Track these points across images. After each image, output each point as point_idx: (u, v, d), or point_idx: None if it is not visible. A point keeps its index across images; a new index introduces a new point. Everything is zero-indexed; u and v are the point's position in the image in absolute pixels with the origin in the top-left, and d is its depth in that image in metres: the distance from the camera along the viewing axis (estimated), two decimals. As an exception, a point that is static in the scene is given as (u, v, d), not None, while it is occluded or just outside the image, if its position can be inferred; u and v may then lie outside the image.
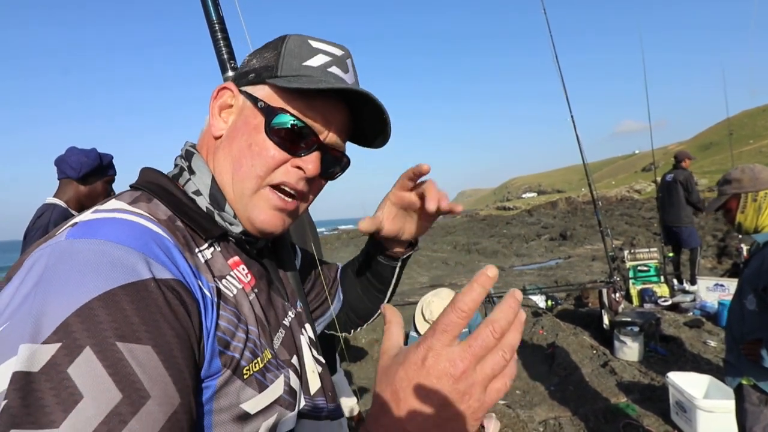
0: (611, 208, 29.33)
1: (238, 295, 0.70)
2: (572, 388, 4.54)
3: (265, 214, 0.75)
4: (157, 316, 0.51)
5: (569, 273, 11.63)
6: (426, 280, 12.38)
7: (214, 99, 0.78)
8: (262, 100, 0.74)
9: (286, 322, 0.83)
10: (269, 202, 0.75)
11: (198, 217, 0.72)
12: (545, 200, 57.78)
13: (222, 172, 0.76)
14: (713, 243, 13.91)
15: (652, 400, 4.13)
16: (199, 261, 0.66)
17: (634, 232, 18.06)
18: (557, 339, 5.59)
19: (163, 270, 0.56)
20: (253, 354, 0.66)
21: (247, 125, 0.74)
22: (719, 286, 6.71)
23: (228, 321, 0.64)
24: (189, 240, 0.68)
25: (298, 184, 0.75)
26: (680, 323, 5.91)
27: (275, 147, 0.73)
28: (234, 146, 0.75)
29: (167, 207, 0.70)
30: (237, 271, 0.74)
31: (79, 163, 2.53)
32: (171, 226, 0.66)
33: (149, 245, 0.57)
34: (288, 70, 0.74)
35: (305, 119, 0.74)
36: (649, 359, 5.02)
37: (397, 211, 0.96)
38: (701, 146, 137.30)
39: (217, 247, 0.73)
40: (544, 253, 17.17)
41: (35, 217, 2.46)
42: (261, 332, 0.71)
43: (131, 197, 0.68)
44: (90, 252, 0.52)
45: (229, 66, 1.00)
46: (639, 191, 46.32)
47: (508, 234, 23.01)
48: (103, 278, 0.50)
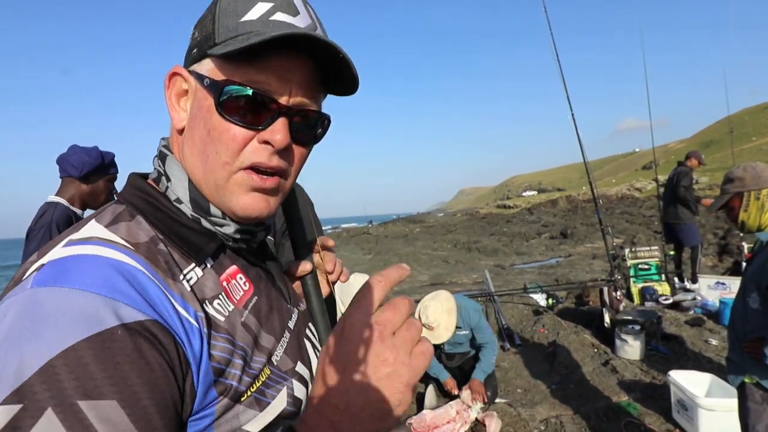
0: (612, 207, 29.32)
1: (231, 316, 0.66)
2: (573, 387, 4.54)
3: (245, 198, 0.68)
4: (124, 366, 0.48)
5: (570, 271, 11.63)
6: (426, 279, 12.38)
7: (167, 89, 0.70)
8: (206, 76, 0.66)
9: (290, 324, 0.80)
10: (245, 185, 0.67)
11: (189, 234, 0.68)
12: (545, 198, 57.78)
13: (193, 168, 0.69)
14: (714, 241, 13.89)
15: (654, 399, 4.13)
16: (185, 288, 0.61)
17: (635, 231, 18.06)
18: (558, 338, 5.59)
19: (133, 312, 0.52)
20: (251, 377, 0.64)
21: (201, 109, 0.66)
22: (720, 284, 6.71)
23: (222, 349, 0.61)
24: (172, 265, 0.62)
25: (271, 160, 0.66)
26: (681, 322, 5.91)
27: (233, 125, 0.65)
28: (196, 136, 0.68)
29: (152, 225, 0.66)
30: (233, 283, 0.71)
31: (80, 162, 2.54)
32: (152, 250, 0.61)
33: (119, 286, 0.53)
34: (225, 33, 0.64)
35: (257, 85, 0.64)
36: (651, 358, 5.02)
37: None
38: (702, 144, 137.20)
39: (209, 263, 0.69)
40: (545, 252, 17.17)
41: (38, 216, 2.47)
42: (257, 350, 0.67)
43: (112, 215, 0.64)
44: (53, 304, 0.49)
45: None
46: (639, 189, 46.28)
47: (508, 232, 23.01)
48: (66, 332, 0.47)
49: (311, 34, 0.62)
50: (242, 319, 0.68)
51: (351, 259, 16.84)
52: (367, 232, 28.54)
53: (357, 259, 16.88)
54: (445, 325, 3.99)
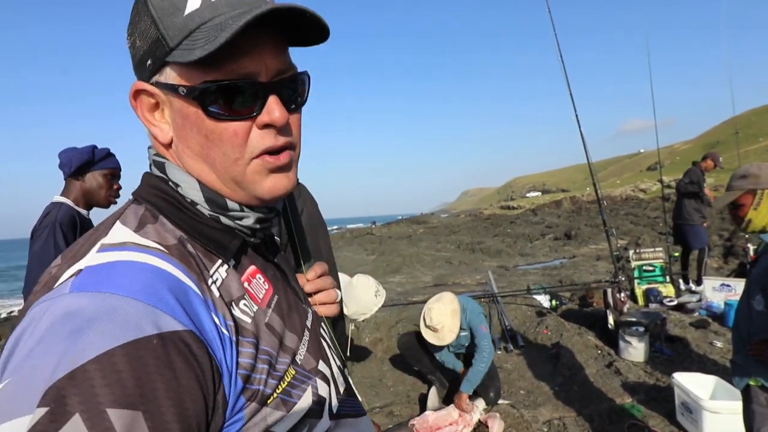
0: (616, 208, 29.22)
1: (256, 317, 0.66)
2: (577, 389, 4.52)
3: (267, 182, 0.67)
4: (154, 377, 0.48)
5: (574, 273, 11.58)
6: (430, 279, 12.36)
7: (137, 108, 0.67)
8: (179, 84, 0.62)
9: (308, 323, 0.80)
10: (264, 170, 0.66)
11: (213, 233, 0.68)
12: (549, 199, 57.66)
13: (201, 173, 0.68)
14: (719, 243, 13.82)
15: (658, 401, 4.11)
16: (214, 294, 0.61)
17: (639, 232, 17.98)
18: (562, 339, 5.57)
19: (172, 322, 0.52)
20: (277, 378, 0.64)
21: (187, 118, 0.64)
22: (725, 286, 6.67)
23: (248, 356, 0.61)
24: (202, 267, 0.63)
25: (278, 140, 0.66)
26: (686, 323, 5.88)
27: (230, 123, 0.64)
28: (192, 144, 0.66)
29: (175, 226, 0.66)
30: (255, 283, 0.71)
31: (68, 158, 2.55)
32: (183, 253, 0.62)
33: (160, 293, 0.53)
34: (176, 34, 0.61)
35: (233, 74, 0.62)
36: (655, 360, 5.00)
37: None
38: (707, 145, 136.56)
39: (232, 263, 0.69)
40: (549, 253, 17.12)
41: (42, 216, 2.48)
42: (282, 350, 0.67)
43: (136, 218, 0.64)
44: (92, 309, 0.49)
45: None
46: (644, 190, 46.09)
47: (512, 233, 22.96)
48: (103, 337, 0.47)
49: (274, 7, 0.58)
50: (266, 320, 0.68)
51: (354, 259, 16.84)
52: (371, 232, 28.54)
53: (360, 259, 16.89)
54: (449, 327, 3.98)
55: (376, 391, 4.86)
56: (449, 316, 4.00)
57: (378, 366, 5.54)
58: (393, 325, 6.41)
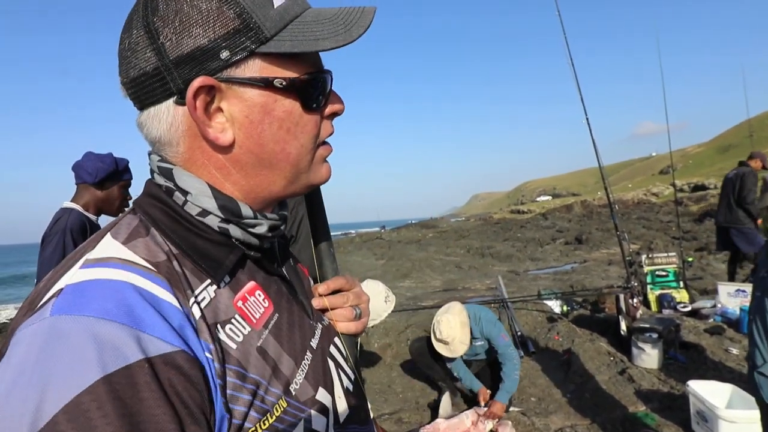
0: (628, 212, 28.97)
1: (247, 341, 0.61)
2: (589, 396, 4.46)
3: (323, 169, 0.72)
4: (149, 402, 0.46)
5: (585, 277, 11.47)
6: (439, 284, 12.32)
7: (197, 110, 0.59)
8: (275, 77, 0.61)
9: (313, 342, 0.74)
10: (322, 158, 0.71)
11: (207, 247, 0.64)
12: (560, 203, 57.28)
13: (228, 177, 0.65)
14: (734, 247, 13.62)
15: (672, 410, 4.04)
16: (197, 316, 0.57)
17: (652, 236, 17.80)
18: (573, 345, 5.50)
19: (160, 344, 0.50)
20: (261, 412, 0.59)
21: (270, 113, 0.62)
22: (741, 291, 6.54)
23: (230, 384, 0.56)
24: (186, 287, 0.58)
25: (331, 129, 0.72)
26: (701, 330, 5.78)
27: (315, 113, 0.67)
28: (266, 142, 0.63)
29: (167, 239, 0.62)
30: (252, 301, 0.66)
31: (95, 169, 2.57)
32: (170, 271, 0.58)
33: (143, 314, 0.51)
34: (272, 25, 0.59)
35: (320, 66, 0.68)
36: (669, 367, 4.92)
37: None
38: (720, 148, 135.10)
39: (226, 280, 0.64)
40: (560, 257, 16.99)
41: (52, 222, 2.50)
42: (274, 379, 0.62)
43: (128, 230, 0.61)
44: (75, 335, 0.47)
45: None
46: (656, 194, 45.61)
47: (522, 238, 22.83)
48: (90, 367, 0.45)
49: (372, 14, 0.64)
50: (259, 343, 0.63)
51: (363, 264, 16.84)
52: (380, 237, 28.53)
53: (369, 264, 16.88)
54: (459, 339, 3.96)
55: (385, 398, 4.83)
56: (458, 327, 3.98)
57: (387, 372, 5.51)
58: (402, 330, 6.39)
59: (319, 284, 0.86)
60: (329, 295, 0.85)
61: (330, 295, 0.85)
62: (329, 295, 0.85)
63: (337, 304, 0.84)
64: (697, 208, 26.48)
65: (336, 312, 0.84)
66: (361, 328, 0.87)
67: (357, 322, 0.86)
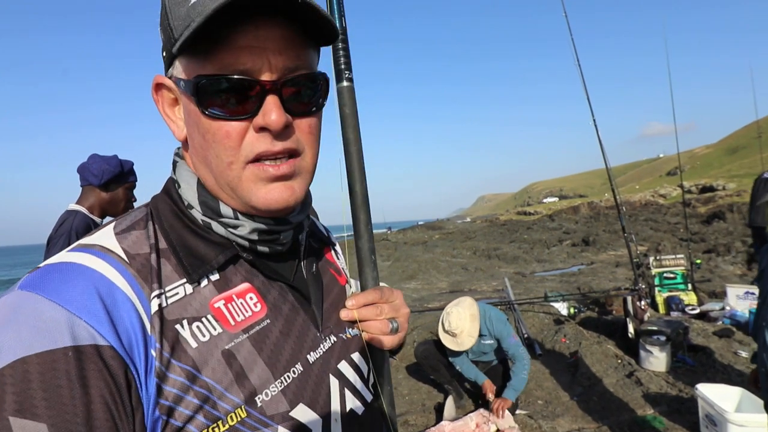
0: (635, 213, 28.82)
1: (210, 342, 0.59)
2: (596, 399, 4.43)
3: (263, 191, 0.62)
4: (64, 392, 0.47)
5: (592, 279, 11.42)
6: (445, 286, 12.30)
7: (158, 103, 0.66)
8: (181, 78, 0.60)
9: (311, 356, 0.69)
10: (259, 177, 0.61)
11: (197, 244, 0.64)
12: (567, 205, 57.06)
13: (205, 177, 0.66)
14: (743, 249, 13.52)
15: (681, 413, 4.00)
16: (155, 311, 0.57)
17: (660, 238, 17.69)
18: (580, 347, 5.47)
19: (93, 334, 0.50)
20: (211, 418, 0.56)
21: (190, 115, 0.62)
22: (750, 293, 6.48)
23: (176, 384, 0.55)
24: (155, 282, 0.59)
25: (275, 146, 0.60)
26: (709, 332, 5.73)
27: (223, 122, 0.59)
28: (195, 144, 0.63)
29: (162, 233, 0.64)
30: (238, 303, 0.64)
31: (100, 171, 2.58)
32: (144, 264, 0.59)
33: (91, 303, 0.52)
34: (179, 25, 0.57)
35: (230, 69, 0.57)
36: (677, 370, 4.87)
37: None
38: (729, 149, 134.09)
39: (212, 278, 0.63)
40: (566, 259, 16.92)
41: (58, 224, 2.51)
42: (236, 386, 0.59)
43: (131, 222, 0.64)
44: (24, 311, 0.50)
45: (345, 76, 0.88)
46: (664, 196, 45.39)
47: (528, 239, 22.76)
48: (23, 344, 0.47)
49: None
50: (227, 346, 0.60)
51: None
52: (386, 238, 28.53)
53: (376, 265, 16.88)
54: (468, 331, 3.93)
55: (391, 400, 4.81)
56: (468, 320, 3.95)
57: (393, 374, 5.49)
58: (408, 332, 6.36)
59: (350, 296, 0.81)
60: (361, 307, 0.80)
61: (362, 308, 0.80)
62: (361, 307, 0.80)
63: (369, 317, 0.79)
64: (705, 209, 26.31)
65: (369, 324, 0.79)
66: (396, 342, 0.81)
67: (392, 336, 0.79)
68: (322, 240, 0.89)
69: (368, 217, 0.87)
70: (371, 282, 0.86)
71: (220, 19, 0.54)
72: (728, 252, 13.65)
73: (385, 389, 0.81)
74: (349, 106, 0.86)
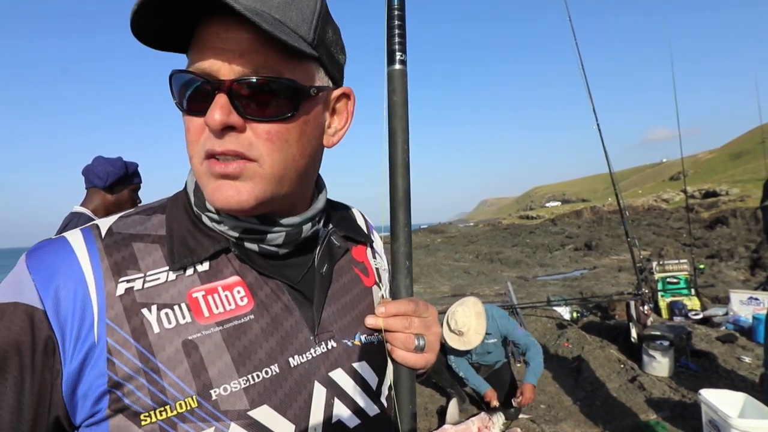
0: (638, 218, 28.77)
1: (175, 330, 0.61)
2: (599, 404, 4.42)
3: (212, 187, 0.62)
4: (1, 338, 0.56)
5: (595, 284, 11.40)
6: (448, 290, 12.29)
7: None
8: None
9: (294, 360, 0.67)
10: (207, 173, 0.62)
11: (188, 236, 0.67)
12: (569, 209, 56.99)
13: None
14: (746, 254, 13.48)
15: (684, 418, 3.99)
16: (121, 293, 0.60)
17: (663, 243, 17.65)
18: (583, 352, 5.46)
19: (35, 298, 0.57)
20: (158, 402, 0.58)
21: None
22: (753, 299, 6.47)
23: (127, 363, 0.58)
24: (131, 265, 0.63)
25: (215, 145, 0.60)
26: (712, 338, 5.72)
27: (192, 117, 0.62)
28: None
29: (167, 222, 0.68)
30: (222, 295, 0.65)
31: (105, 173, 2.58)
32: (121, 244, 0.64)
33: (53, 272, 0.59)
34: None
35: (199, 67, 0.60)
36: (680, 375, 4.86)
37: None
38: (732, 155, 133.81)
39: (200, 269, 0.65)
40: (569, 264, 16.90)
41: (62, 226, 2.51)
42: (190, 376, 0.59)
43: (142, 208, 0.71)
44: (15, 269, 0.61)
45: (398, 58, 0.77)
46: (667, 200, 45.30)
47: (531, 243, 22.73)
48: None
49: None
50: (191, 336, 0.61)
51: (372, 269, 16.84)
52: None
53: (378, 269, 16.89)
54: (474, 329, 3.92)
55: (394, 403, 4.81)
56: (474, 318, 3.94)
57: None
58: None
59: (381, 302, 0.76)
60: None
61: (390, 317, 0.74)
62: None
63: (395, 328, 0.73)
64: (708, 214, 26.25)
65: (393, 336, 0.73)
66: (422, 363, 0.74)
67: (416, 354, 0.73)
68: (353, 238, 0.86)
69: (408, 217, 0.78)
70: (404, 291, 0.76)
71: (186, 19, 0.60)
72: (731, 257, 13.62)
73: (404, 407, 0.72)
74: (398, 92, 0.76)
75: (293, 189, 0.68)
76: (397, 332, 0.73)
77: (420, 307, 0.75)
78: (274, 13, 0.59)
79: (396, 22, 0.77)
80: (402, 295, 0.76)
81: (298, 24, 0.62)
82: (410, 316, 0.74)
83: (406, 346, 0.72)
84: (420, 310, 0.75)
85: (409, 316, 0.74)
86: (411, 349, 0.72)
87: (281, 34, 0.57)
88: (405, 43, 0.78)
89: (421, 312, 0.75)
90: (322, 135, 0.71)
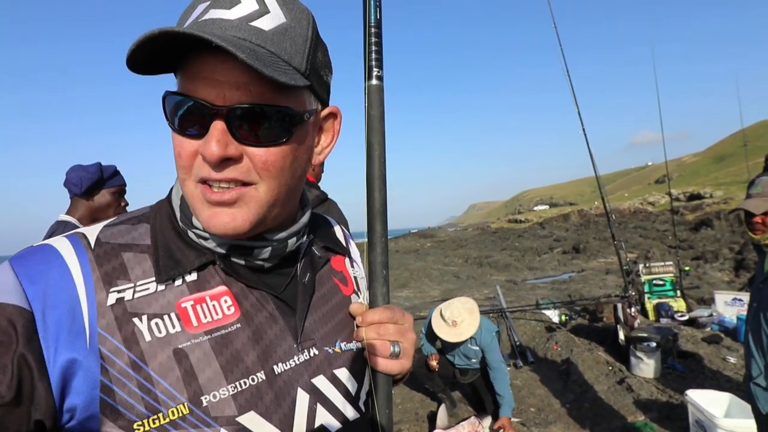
0: (625, 221, 29.06)
1: (166, 339, 0.62)
2: (588, 406, 4.45)
3: (206, 213, 0.63)
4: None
5: (583, 287, 11.49)
6: (437, 294, 12.31)
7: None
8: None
9: (278, 367, 0.68)
10: (202, 198, 0.63)
11: (175, 248, 0.68)
12: (557, 213, 57.42)
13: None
14: (730, 256, 13.68)
15: (671, 419, 4.03)
16: (111, 302, 0.61)
17: (649, 245, 17.85)
18: (572, 355, 5.50)
19: (22, 299, 0.57)
20: (151, 409, 0.59)
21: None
22: (738, 300, 6.57)
23: (120, 371, 0.58)
24: (119, 276, 0.63)
25: (211, 174, 0.61)
26: (698, 339, 5.80)
27: (183, 139, 0.62)
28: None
29: (152, 233, 0.68)
30: (209, 305, 0.66)
31: (78, 179, 2.56)
32: (110, 254, 0.64)
33: (40, 276, 0.59)
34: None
35: (189, 91, 0.60)
36: (667, 376, 4.92)
37: None
38: (716, 158, 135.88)
39: (188, 279, 0.66)
40: (557, 267, 17.01)
41: (47, 235, 2.48)
42: (181, 383, 0.61)
43: (126, 217, 0.70)
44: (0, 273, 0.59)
45: (374, 74, 0.80)
46: (653, 203, 45.80)
47: (520, 247, 22.86)
48: None
49: (168, 29, 0.54)
50: (181, 345, 0.62)
51: (361, 274, 16.82)
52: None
53: (367, 274, 16.87)
54: (468, 321, 3.95)
55: (384, 408, 4.80)
56: (467, 312, 3.98)
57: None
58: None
59: (360, 312, 0.80)
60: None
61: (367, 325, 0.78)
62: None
63: (370, 336, 0.76)
64: (693, 217, 26.60)
65: (371, 343, 0.76)
66: (397, 369, 0.76)
67: (392, 361, 0.76)
68: (333, 249, 0.88)
69: (385, 228, 0.81)
70: (380, 299, 0.79)
71: (183, 49, 0.59)
72: (716, 259, 13.82)
73: (382, 412, 0.75)
74: (376, 107, 0.79)
75: (284, 209, 0.70)
76: (374, 340, 0.76)
77: (396, 315, 0.79)
78: (269, 46, 0.60)
79: (373, 39, 0.80)
80: (379, 303, 0.79)
81: (292, 55, 0.62)
82: (386, 323, 0.77)
83: (382, 353, 0.75)
84: (396, 317, 0.78)
85: (384, 323, 0.77)
86: (387, 355, 0.76)
87: (278, 75, 0.57)
88: (382, 60, 0.82)
89: (397, 319, 0.79)
90: (312, 156, 0.73)
